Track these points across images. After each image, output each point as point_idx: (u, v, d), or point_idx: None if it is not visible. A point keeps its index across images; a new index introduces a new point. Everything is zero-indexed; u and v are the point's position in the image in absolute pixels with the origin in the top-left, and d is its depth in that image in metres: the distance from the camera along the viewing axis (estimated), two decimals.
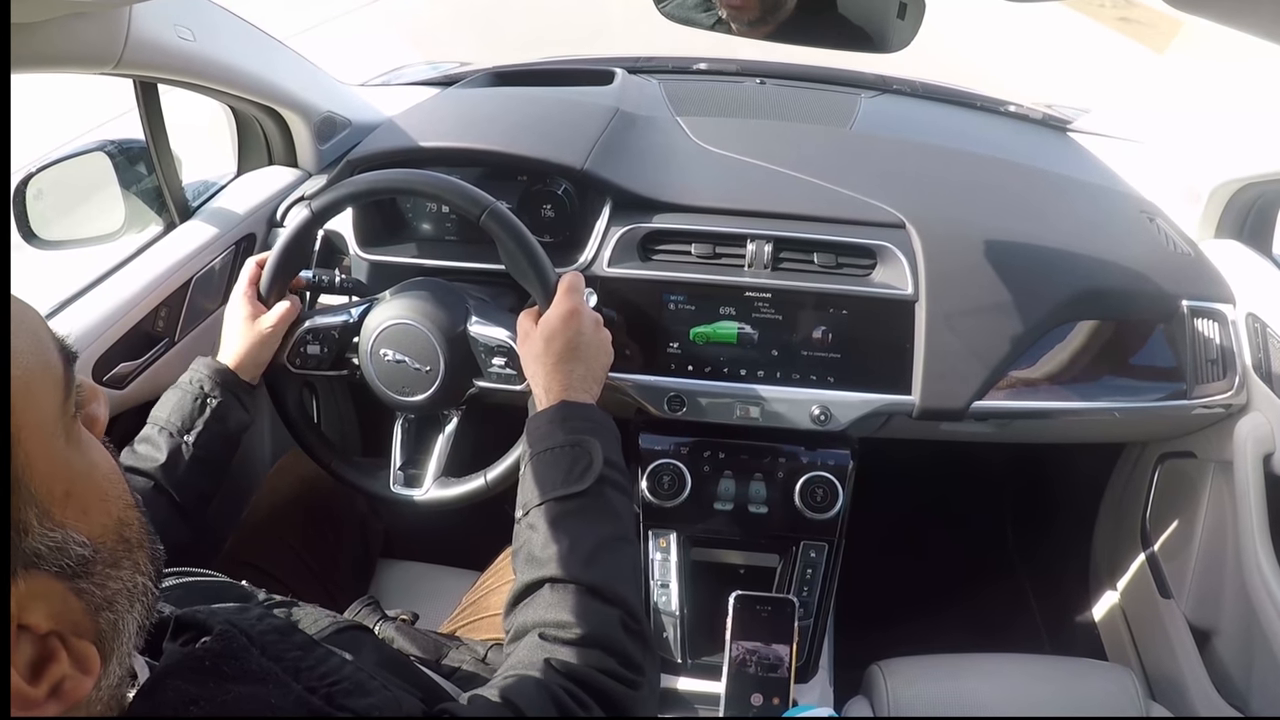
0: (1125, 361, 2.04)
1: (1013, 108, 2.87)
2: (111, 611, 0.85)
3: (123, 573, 0.87)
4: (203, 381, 1.78)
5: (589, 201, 2.11)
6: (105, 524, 0.85)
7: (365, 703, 1.05)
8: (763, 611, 1.82)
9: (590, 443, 1.56)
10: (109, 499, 0.87)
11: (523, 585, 1.45)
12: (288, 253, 1.87)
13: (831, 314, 1.97)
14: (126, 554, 0.88)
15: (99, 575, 0.83)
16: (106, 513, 0.86)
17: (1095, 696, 1.82)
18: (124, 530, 0.88)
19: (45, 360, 0.82)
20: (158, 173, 2.13)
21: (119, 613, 0.86)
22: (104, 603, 0.84)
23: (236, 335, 1.85)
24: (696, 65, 3.02)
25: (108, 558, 0.85)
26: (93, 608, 0.83)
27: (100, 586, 0.83)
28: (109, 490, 0.88)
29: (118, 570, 0.86)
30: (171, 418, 1.75)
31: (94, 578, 0.83)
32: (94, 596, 0.83)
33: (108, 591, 0.84)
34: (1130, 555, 2.58)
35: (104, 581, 0.84)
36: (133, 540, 0.89)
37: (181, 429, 1.74)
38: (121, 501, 0.90)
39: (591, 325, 1.72)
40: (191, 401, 1.76)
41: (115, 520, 0.87)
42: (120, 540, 0.87)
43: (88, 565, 0.82)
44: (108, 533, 0.85)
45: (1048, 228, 2.09)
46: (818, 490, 2.00)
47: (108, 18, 1.65)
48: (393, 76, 3.10)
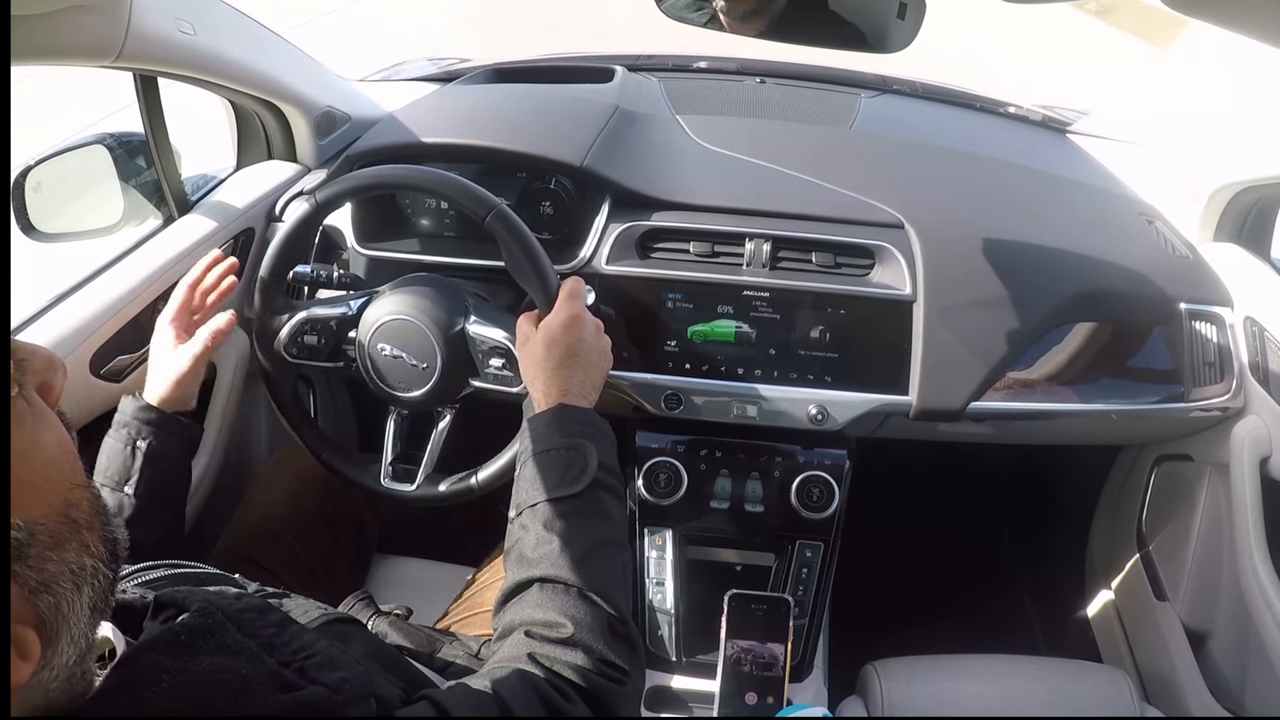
0: (1123, 363, 2.04)
1: (1012, 109, 2.88)
2: (50, 594, 0.84)
3: (66, 554, 0.86)
4: (129, 425, 1.74)
5: (588, 199, 2.11)
6: (47, 505, 0.85)
7: (337, 676, 1.06)
8: (758, 610, 1.82)
9: (586, 446, 1.56)
10: (52, 480, 0.87)
11: (512, 584, 1.45)
12: (289, 244, 1.87)
13: (829, 313, 1.97)
14: (73, 534, 0.87)
15: (35, 558, 0.82)
16: (49, 493, 0.86)
17: (1090, 698, 1.82)
18: (70, 511, 0.88)
19: None
20: (157, 166, 2.13)
21: (59, 595, 0.85)
22: (41, 586, 0.83)
23: (159, 366, 1.81)
24: (697, 64, 3.02)
25: (47, 540, 0.84)
26: (28, 591, 0.82)
27: (36, 570, 0.83)
28: (51, 472, 0.87)
29: (59, 552, 0.85)
30: (109, 469, 1.71)
31: (29, 560, 0.82)
32: (29, 580, 0.82)
33: (45, 574, 0.83)
34: (1126, 557, 2.58)
35: (41, 564, 0.83)
36: (80, 521, 0.89)
37: (119, 481, 1.70)
38: (68, 482, 0.89)
39: (592, 332, 1.72)
40: (123, 449, 1.72)
41: (60, 501, 0.87)
42: (65, 520, 0.87)
43: (21, 548, 0.81)
44: (49, 514, 0.85)
45: (1046, 229, 2.09)
46: (814, 490, 2.00)
47: (108, 11, 1.65)
48: (393, 72, 3.10)
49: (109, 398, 1.97)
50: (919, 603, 2.82)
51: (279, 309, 1.90)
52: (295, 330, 1.90)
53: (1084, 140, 2.73)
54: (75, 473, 0.91)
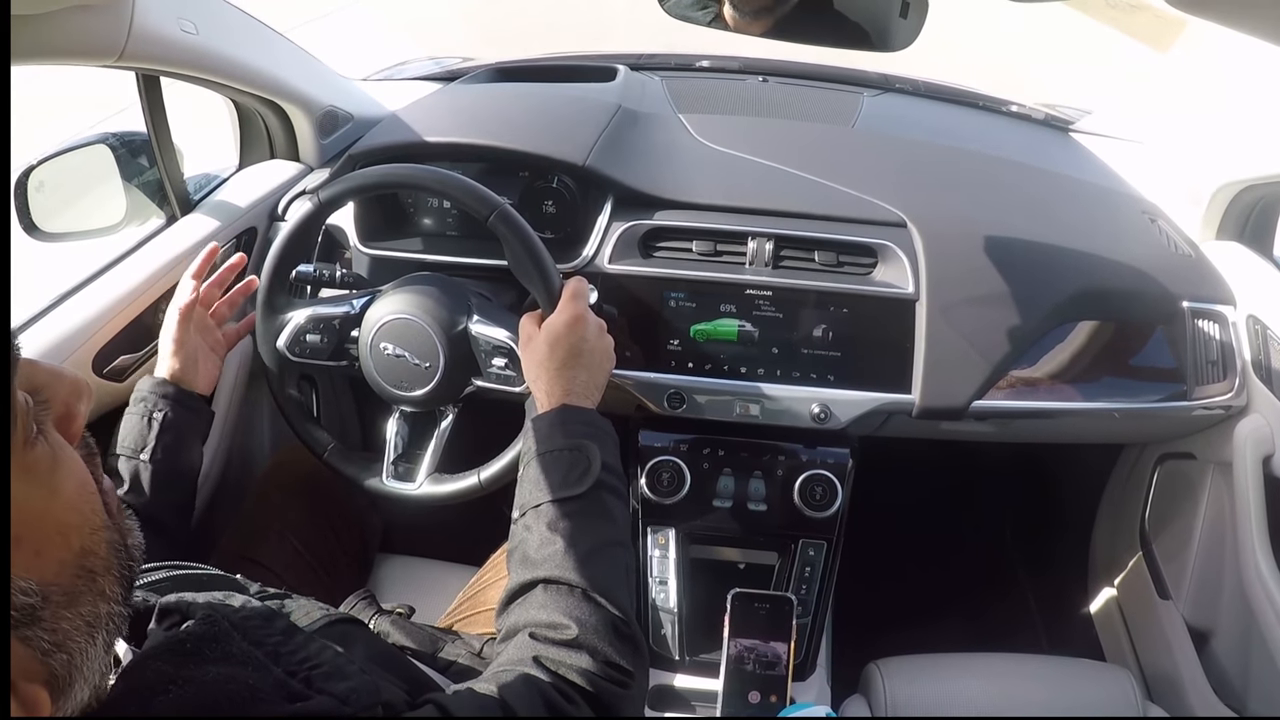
0: (1125, 362, 2.04)
1: (1015, 108, 2.88)
2: (64, 652, 0.81)
3: (81, 608, 0.83)
4: (146, 399, 1.78)
5: (590, 198, 2.11)
6: (63, 559, 0.82)
7: (344, 687, 1.05)
8: (761, 609, 1.82)
9: (589, 447, 1.56)
10: (69, 530, 0.83)
11: (516, 585, 1.45)
12: (292, 243, 1.87)
13: (832, 312, 1.97)
14: (88, 585, 0.84)
15: (49, 620, 0.79)
16: (66, 547, 0.82)
17: (1093, 697, 1.83)
18: (86, 560, 0.85)
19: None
20: (159, 166, 2.13)
21: (73, 652, 0.82)
22: (54, 646, 0.80)
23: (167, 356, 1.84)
24: (699, 62, 3.02)
25: (61, 598, 0.81)
26: (41, 653, 0.79)
27: (50, 631, 0.80)
28: (70, 520, 0.83)
29: (75, 607, 0.83)
30: (126, 440, 1.74)
31: (43, 624, 0.79)
32: (42, 643, 0.79)
33: (58, 635, 0.81)
34: (1129, 556, 2.58)
35: (55, 624, 0.80)
36: (97, 569, 0.86)
37: (136, 449, 1.73)
38: (86, 528, 0.85)
39: (595, 332, 1.72)
40: (140, 420, 1.76)
41: (76, 552, 0.83)
42: (81, 573, 0.84)
43: (34, 613, 0.78)
44: (65, 569, 0.82)
45: (1049, 228, 2.09)
46: (817, 488, 2.00)
47: (111, 10, 1.65)
48: (395, 71, 3.10)
49: (112, 397, 1.97)
50: (922, 601, 2.82)
51: (281, 308, 1.90)
52: (298, 329, 1.90)
53: (1086, 139, 2.73)
54: (95, 514, 0.87)
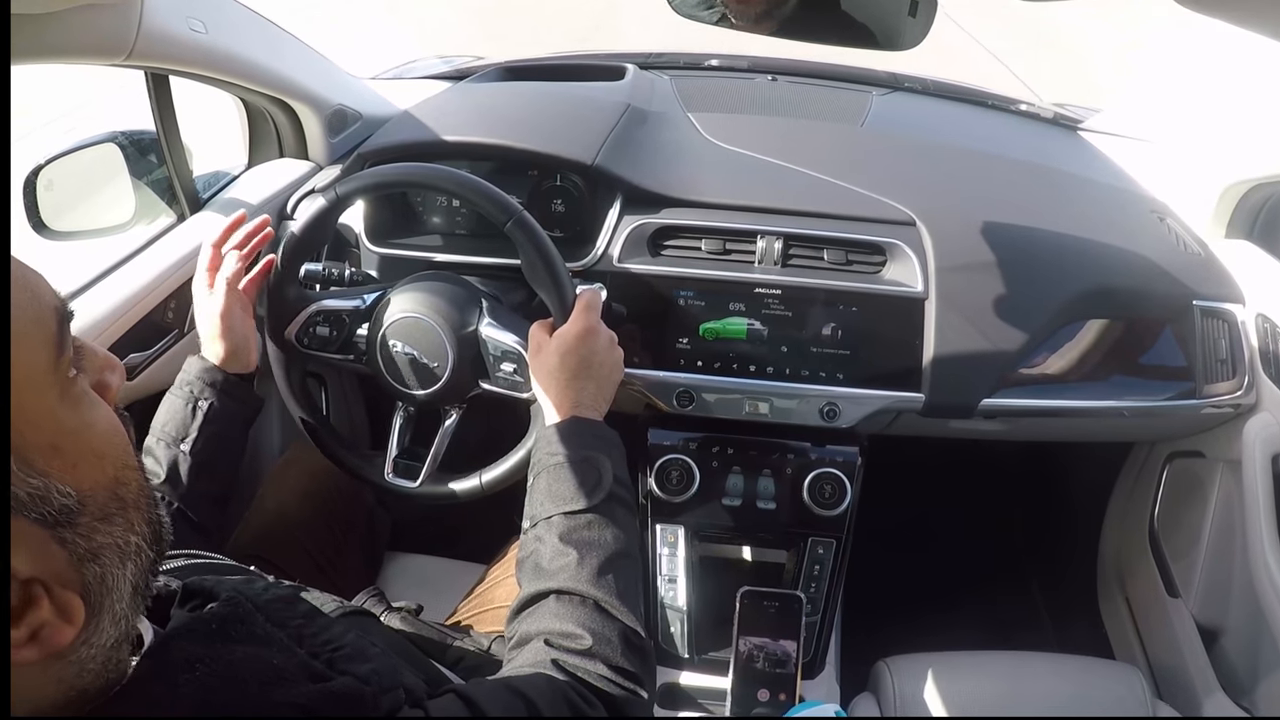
0: (1134, 360, 2.04)
1: (1024, 106, 2.88)
2: (97, 564, 0.85)
3: (113, 528, 0.87)
4: (192, 384, 1.78)
5: (599, 197, 2.11)
6: (97, 479, 0.86)
7: (366, 668, 1.07)
8: (770, 607, 1.83)
9: (600, 459, 1.56)
10: (104, 457, 0.88)
11: (528, 595, 1.45)
12: (306, 236, 1.86)
13: (841, 311, 1.97)
14: (120, 511, 0.88)
15: (84, 527, 0.84)
16: (100, 469, 0.87)
17: (1102, 695, 1.82)
18: (119, 489, 0.89)
19: (38, 316, 0.84)
20: (168, 164, 2.14)
21: (105, 566, 0.86)
22: (89, 554, 0.84)
23: (206, 328, 1.85)
24: (708, 61, 3.02)
25: (96, 511, 0.85)
26: (76, 558, 0.83)
27: (85, 538, 0.84)
28: (104, 449, 0.89)
29: (107, 525, 0.87)
30: (167, 426, 1.75)
31: (78, 528, 0.83)
32: (78, 547, 0.83)
33: (93, 544, 0.85)
34: (1138, 554, 2.57)
35: (90, 534, 0.84)
36: (128, 499, 0.90)
37: (176, 437, 1.74)
38: (119, 461, 0.90)
39: (606, 344, 1.72)
40: (184, 406, 1.76)
41: (109, 478, 0.88)
42: (113, 497, 0.88)
43: (71, 516, 0.82)
44: (99, 488, 0.86)
45: (1058, 226, 2.09)
46: (826, 486, 2.00)
47: (120, 9, 1.66)
48: (404, 70, 3.11)
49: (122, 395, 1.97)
50: (931, 599, 2.81)
51: (292, 299, 1.90)
52: (307, 320, 1.90)
53: (1095, 137, 2.72)
54: (127, 454, 0.92)
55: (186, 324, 2.12)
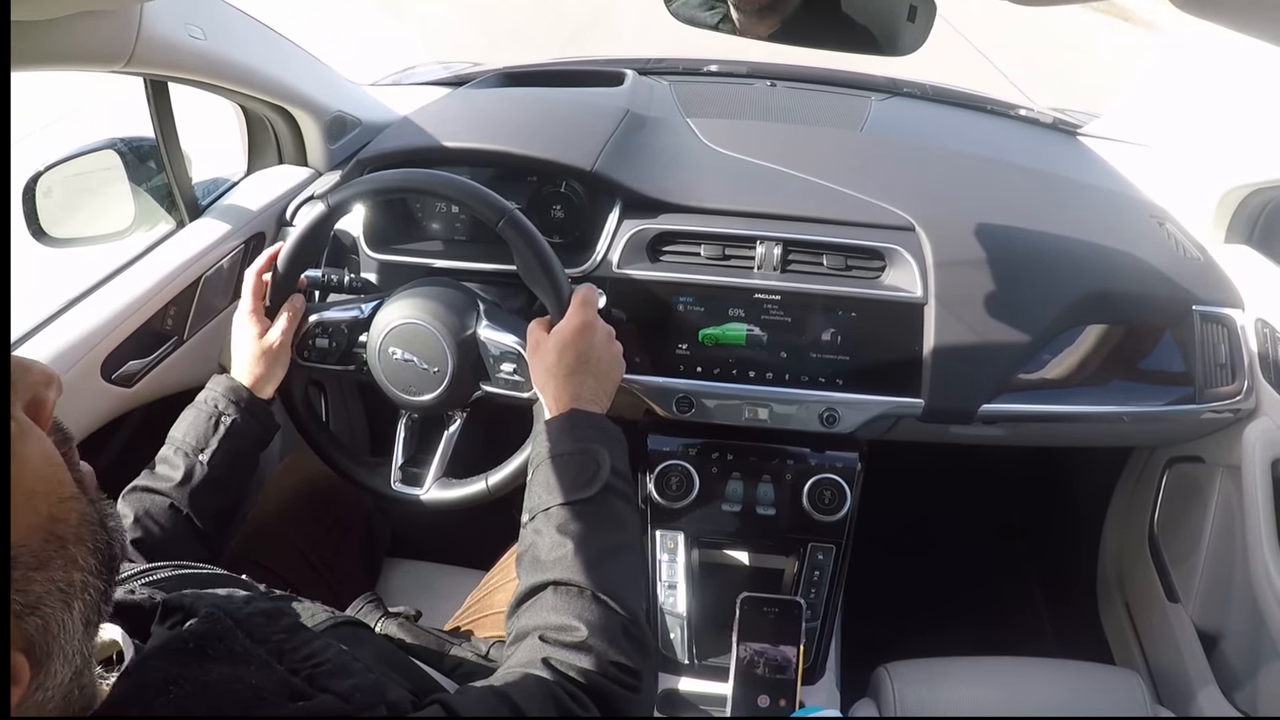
0: (1134, 366, 2.04)
1: (1023, 111, 2.88)
2: (37, 616, 0.83)
3: (53, 572, 0.84)
4: (217, 400, 1.79)
5: (599, 202, 2.11)
6: (30, 524, 0.83)
7: (347, 684, 1.06)
8: (770, 613, 1.83)
9: (599, 451, 1.56)
10: (35, 496, 0.85)
11: (526, 588, 1.45)
12: (302, 246, 1.87)
13: (840, 316, 1.97)
14: (59, 551, 0.86)
15: (19, 580, 0.81)
16: (33, 511, 0.84)
17: (1102, 700, 1.82)
18: (55, 527, 0.86)
19: None
20: (167, 171, 2.14)
21: (48, 615, 0.83)
22: (26, 608, 0.82)
23: (246, 354, 1.86)
24: (707, 67, 3.02)
25: (30, 560, 0.83)
26: (14, 614, 0.81)
27: (21, 592, 0.81)
28: (36, 487, 0.85)
29: (45, 571, 0.84)
30: (187, 437, 1.75)
31: (13, 583, 0.81)
32: (14, 603, 0.81)
33: (30, 596, 0.82)
34: (1138, 559, 2.57)
35: (25, 585, 0.82)
36: (68, 536, 0.87)
37: (196, 448, 1.74)
38: (54, 496, 0.87)
39: (604, 339, 1.72)
40: (206, 420, 1.77)
41: (44, 518, 0.85)
42: (50, 538, 0.85)
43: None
44: (33, 532, 0.83)
45: (1057, 232, 2.09)
46: (826, 492, 2.00)
47: (119, 16, 1.66)
48: (403, 76, 3.11)
49: (120, 403, 1.98)
50: (931, 605, 2.82)
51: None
52: (307, 333, 1.90)
53: (1095, 142, 2.72)
54: (62, 485, 0.89)
55: (186, 331, 2.12)
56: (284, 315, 1.86)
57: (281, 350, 1.86)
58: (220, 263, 2.16)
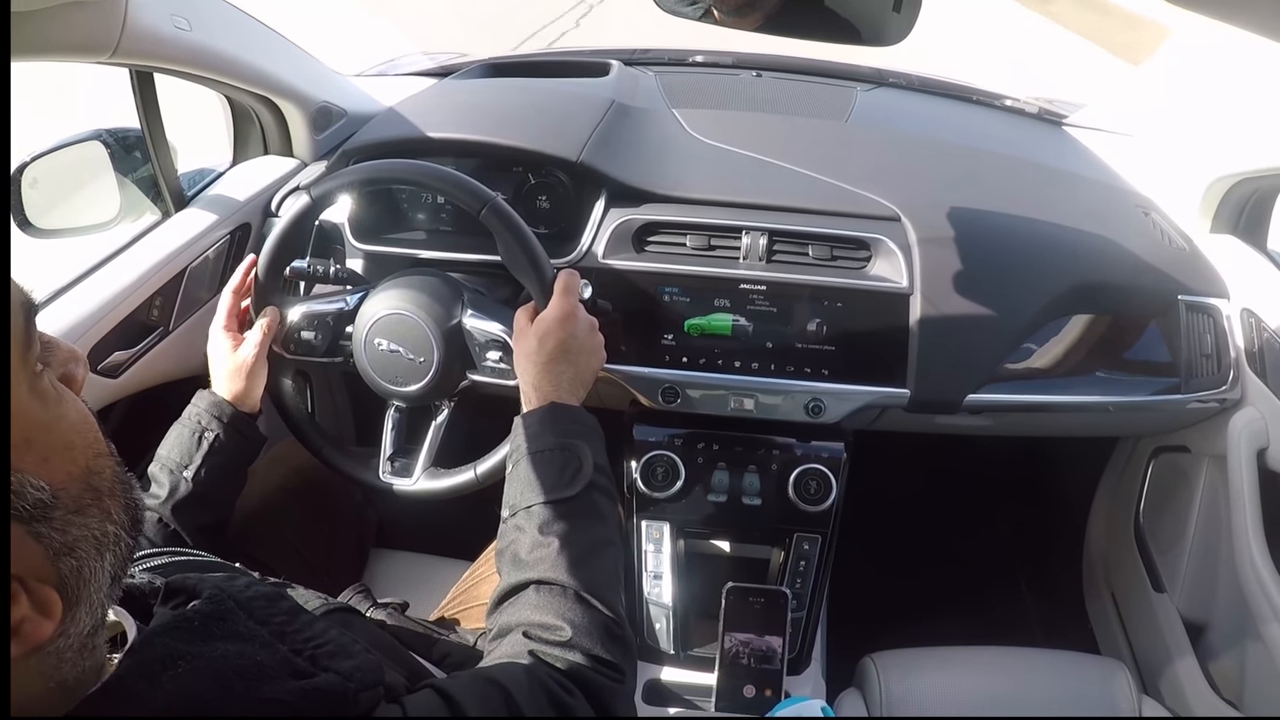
0: (1120, 356, 2.05)
1: (1009, 102, 2.88)
2: (73, 557, 0.86)
3: (89, 520, 0.87)
4: (200, 416, 1.79)
5: (584, 193, 2.11)
6: (70, 471, 0.86)
7: (349, 664, 1.06)
8: (755, 603, 1.83)
9: (580, 447, 1.57)
10: (75, 448, 0.88)
11: (508, 586, 1.45)
12: (285, 239, 1.87)
13: (826, 306, 1.97)
14: (94, 501, 0.89)
15: (59, 521, 0.84)
16: (72, 460, 0.87)
17: (1088, 690, 1.83)
18: (92, 479, 0.89)
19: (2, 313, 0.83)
20: (153, 162, 2.13)
21: (82, 559, 0.86)
22: (64, 548, 0.85)
23: (223, 369, 1.85)
24: (693, 57, 3.02)
25: (70, 504, 0.85)
26: (52, 552, 0.83)
27: (60, 532, 0.84)
28: (75, 440, 0.89)
29: (82, 517, 0.87)
30: (171, 454, 1.76)
31: (53, 523, 0.83)
32: (53, 541, 0.83)
33: (69, 537, 0.85)
34: (1124, 549, 2.58)
35: (64, 527, 0.84)
36: (103, 489, 0.90)
37: (181, 464, 1.74)
38: (91, 451, 0.90)
39: (585, 328, 1.72)
40: (190, 436, 1.77)
41: (82, 469, 0.88)
42: (88, 488, 0.88)
43: (46, 510, 0.82)
44: (72, 480, 0.86)
45: (1043, 222, 2.09)
46: (811, 482, 2.00)
47: (104, 6, 1.65)
48: (389, 67, 3.10)
49: (106, 394, 1.97)
50: (916, 594, 2.82)
51: (276, 304, 1.90)
52: (292, 326, 1.90)
53: (1080, 132, 2.73)
54: (98, 442, 0.92)
55: (171, 322, 2.11)
56: (259, 328, 1.86)
57: (258, 364, 1.85)
58: (206, 253, 2.16)
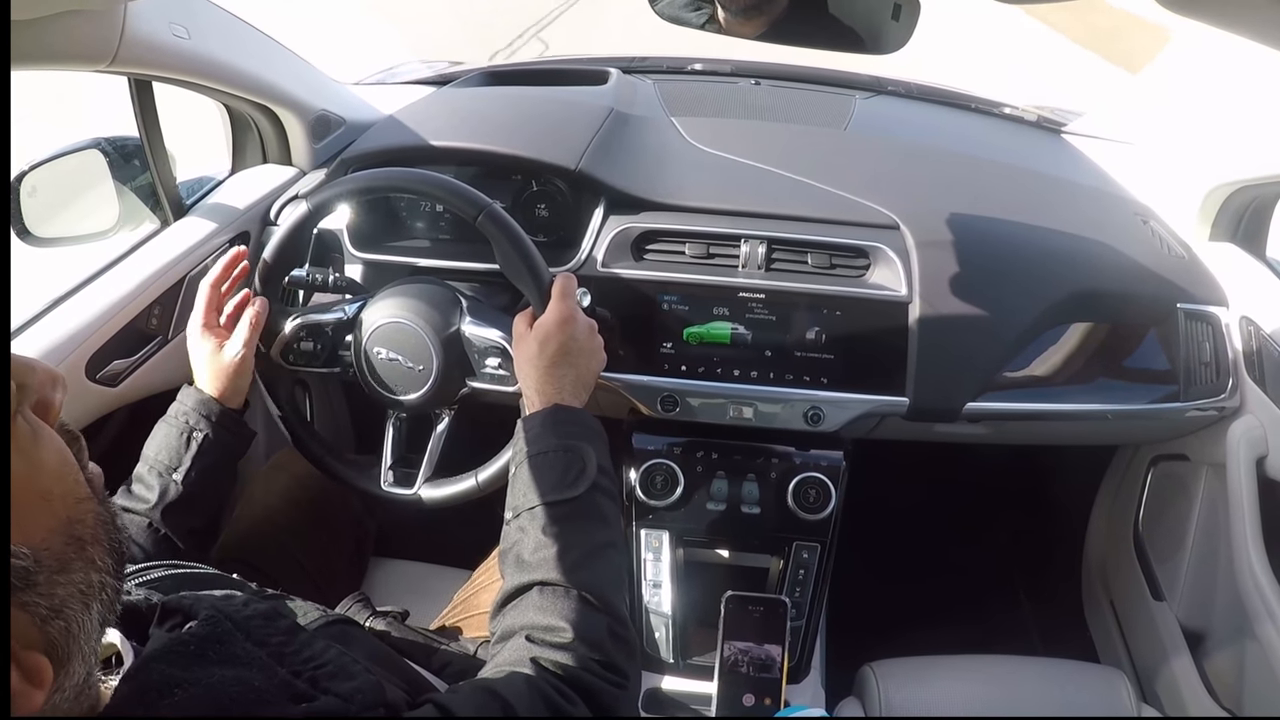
0: (1118, 364, 2.04)
1: (1007, 110, 2.88)
2: (61, 619, 0.83)
3: (74, 575, 0.85)
4: (188, 415, 1.77)
5: (583, 201, 2.11)
6: (50, 527, 0.84)
7: (349, 686, 1.05)
8: (755, 612, 1.82)
9: (584, 448, 1.56)
10: (53, 498, 0.85)
11: (511, 588, 1.45)
12: (283, 248, 1.87)
13: (825, 315, 1.97)
14: (78, 553, 0.86)
15: (44, 585, 0.81)
16: (51, 514, 0.84)
17: (1087, 699, 1.82)
18: (74, 529, 0.86)
19: None
20: (152, 170, 2.13)
21: (69, 618, 0.84)
22: (51, 612, 0.82)
23: (207, 369, 1.83)
24: (691, 66, 3.02)
25: (54, 563, 0.83)
26: (39, 619, 0.81)
27: (46, 596, 0.81)
28: (54, 489, 0.86)
29: (67, 574, 0.84)
30: (160, 455, 1.73)
31: (38, 589, 0.81)
32: (39, 608, 0.81)
33: (55, 600, 0.82)
34: (1123, 557, 2.58)
35: (50, 590, 0.82)
36: (85, 537, 0.87)
37: (170, 466, 1.72)
38: (70, 498, 0.87)
39: (585, 331, 1.72)
40: (178, 436, 1.75)
41: (62, 520, 0.85)
42: (70, 540, 0.85)
43: (29, 577, 0.80)
44: (53, 535, 0.83)
45: (1042, 230, 2.09)
46: (810, 491, 2.00)
47: (103, 15, 1.65)
48: (387, 75, 3.10)
49: (105, 402, 1.97)
50: (916, 603, 2.82)
51: (275, 314, 1.90)
52: (291, 336, 1.90)
53: (1079, 140, 2.73)
54: (79, 486, 0.89)
55: (170, 330, 2.11)
56: (246, 323, 1.83)
57: (244, 363, 1.82)
58: (205, 262, 2.15)
